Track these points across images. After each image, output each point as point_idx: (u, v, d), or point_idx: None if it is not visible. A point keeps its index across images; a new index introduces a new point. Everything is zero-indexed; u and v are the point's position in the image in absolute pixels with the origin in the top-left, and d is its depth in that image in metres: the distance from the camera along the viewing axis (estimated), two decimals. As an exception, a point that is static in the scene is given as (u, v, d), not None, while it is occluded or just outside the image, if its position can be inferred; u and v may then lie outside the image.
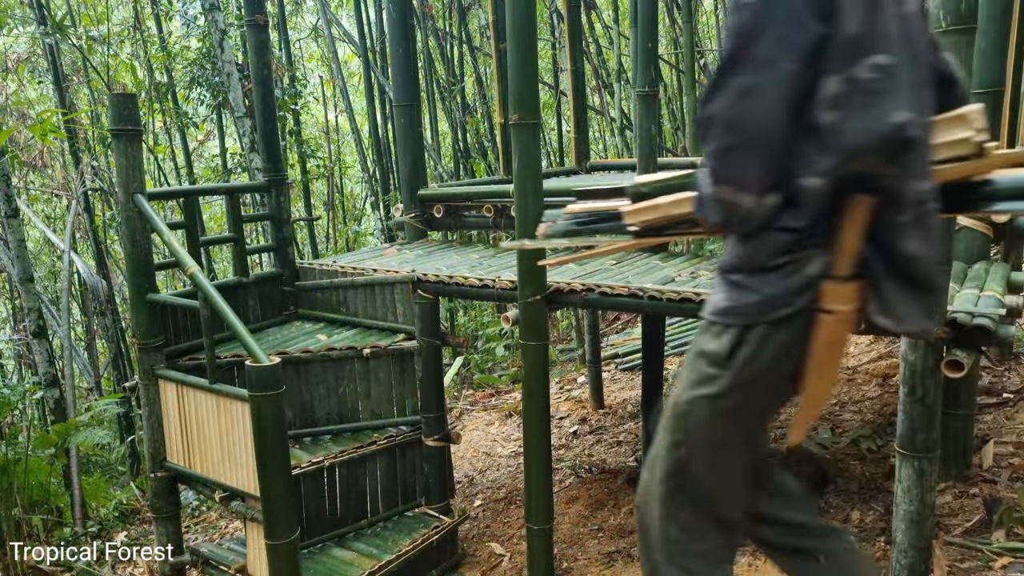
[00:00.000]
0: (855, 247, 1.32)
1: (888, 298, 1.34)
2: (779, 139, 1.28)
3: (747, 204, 1.33)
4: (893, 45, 1.24)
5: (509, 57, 2.48)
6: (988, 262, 2.50)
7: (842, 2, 1.21)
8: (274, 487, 2.40)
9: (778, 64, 1.25)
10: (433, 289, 3.11)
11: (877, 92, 1.22)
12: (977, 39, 2.12)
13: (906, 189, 1.26)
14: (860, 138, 1.23)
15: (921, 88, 1.28)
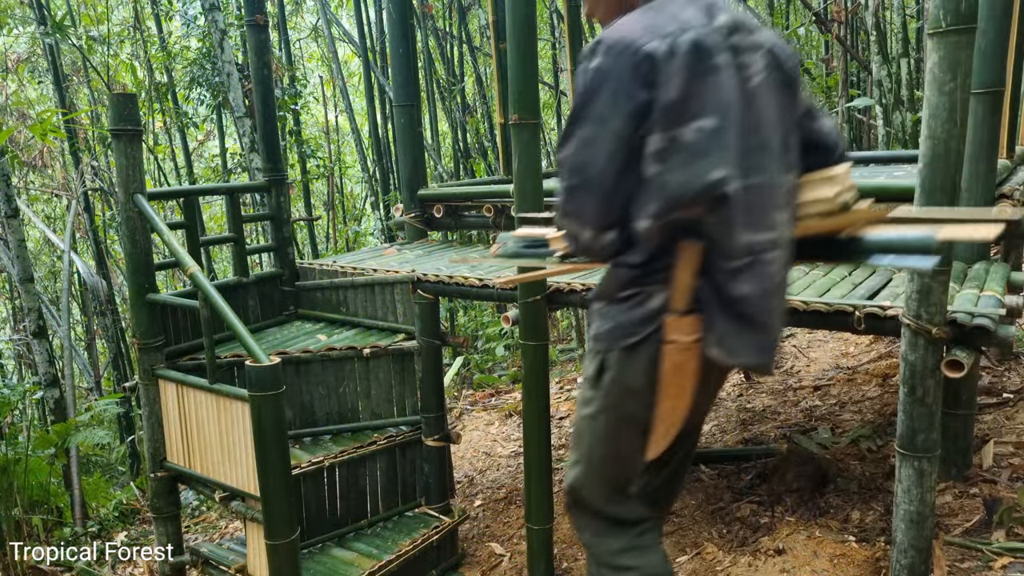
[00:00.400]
0: (688, 286, 1.48)
1: (721, 332, 1.48)
2: (613, 184, 1.46)
3: (587, 237, 1.53)
4: (721, 112, 1.40)
5: (509, 57, 2.47)
6: (988, 262, 2.50)
7: (665, 74, 1.38)
8: (274, 487, 2.40)
9: (611, 121, 1.43)
10: (433, 289, 3.11)
11: (698, 151, 1.39)
12: (977, 39, 2.12)
13: (734, 238, 1.44)
14: (680, 189, 1.41)
15: (755, 151, 1.45)
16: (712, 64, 1.41)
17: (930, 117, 1.83)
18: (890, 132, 6.43)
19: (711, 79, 1.41)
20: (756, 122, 1.46)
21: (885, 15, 7.29)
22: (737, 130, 1.43)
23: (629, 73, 1.40)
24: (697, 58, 1.40)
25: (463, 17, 7.34)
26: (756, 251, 1.46)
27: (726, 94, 1.42)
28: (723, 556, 2.75)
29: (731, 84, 1.43)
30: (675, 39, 1.40)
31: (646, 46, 1.39)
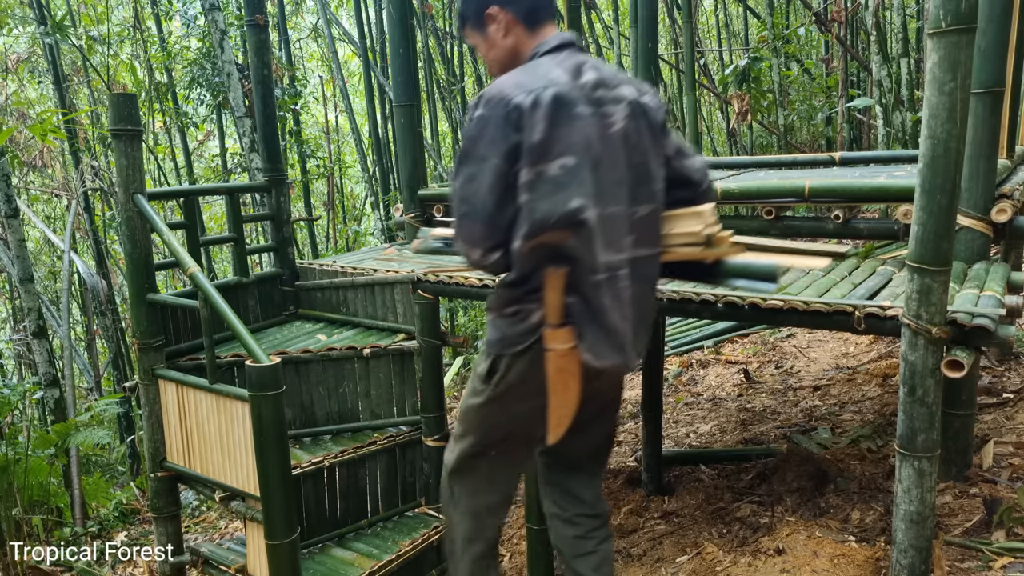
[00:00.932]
0: (558, 304, 1.75)
1: (589, 340, 1.76)
2: (494, 211, 1.72)
3: (476, 256, 1.80)
4: (580, 153, 1.68)
5: (509, 57, 2.47)
6: (988, 262, 2.49)
7: (531, 121, 1.66)
8: (274, 487, 2.40)
9: (490, 159, 1.70)
10: (433, 289, 3.11)
11: (560, 184, 1.67)
12: (977, 39, 2.12)
13: (594, 257, 1.71)
14: (545, 215, 1.67)
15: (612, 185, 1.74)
16: (573, 113, 1.70)
17: (930, 117, 1.82)
18: (890, 132, 6.43)
19: (572, 125, 1.70)
20: (613, 161, 1.75)
21: (885, 15, 7.29)
22: (594, 167, 1.71)
23: (502, 121, 1.68)
24: (558, 108, 1.68)
25: (463, 17, 7.35)
26: (612, 268, 1.75)
27: (585, 138, 1.70)
28: (723, 556, 2.75)
29: (591, 129, 1.71)
30: (539, 94, 1.68)
31: (515, 99, 1.68)
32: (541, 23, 1.88)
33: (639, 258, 1.82)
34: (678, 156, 1.92)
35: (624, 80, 1.85)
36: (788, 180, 2.96)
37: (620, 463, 4.16)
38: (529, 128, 1.67)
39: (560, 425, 1.90)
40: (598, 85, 1.76)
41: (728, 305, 2.37)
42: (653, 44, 3.21)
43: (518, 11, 1.85)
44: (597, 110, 1.74)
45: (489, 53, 1.95)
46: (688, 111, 5.96)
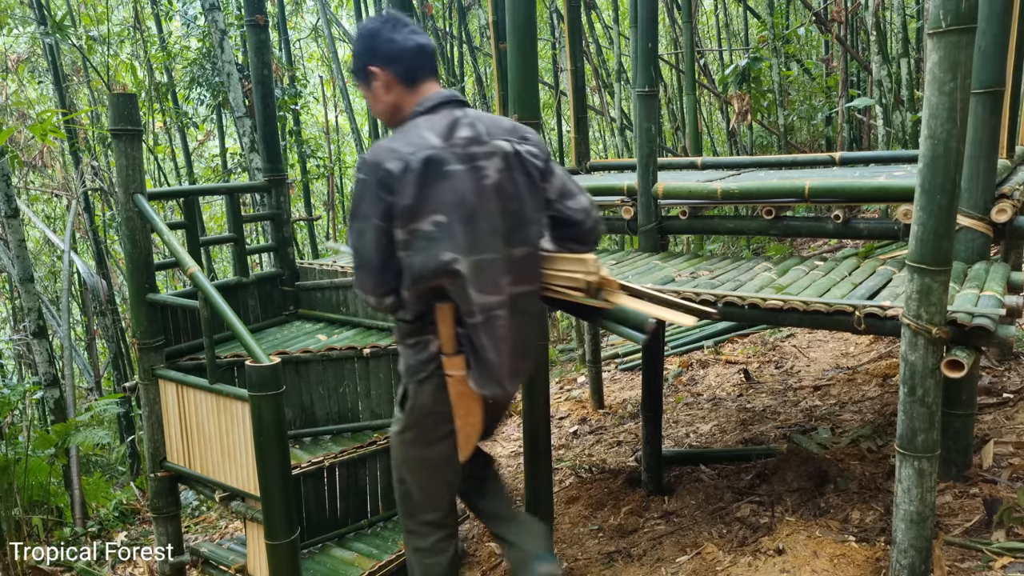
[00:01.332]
0: (450, 335, 1.97)
1: (474, 369, 1.99)
2: (380, 264, 1.94)
3: (373, 301, 2.02)
4: (450, 210, 1.87)
5: (509, 57, 2.47)
6: (988, 262, 2.50)
7: (400, 185, 1.85)
8: (274, 487, 2.40)
9: (371, 219, 1.90)
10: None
11: (433, 239, 1.87)
12: (977, 39, 2.12)
13: (470, 300, 1.90)
14: (421, 269, 1.89)
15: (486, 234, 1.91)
16: (443, 172, 1.88)
17: (930, 117, 1.83)
18: (890, 132, 6.43)
19: (443, 184, 1.87)
20: (488, 212, 1.91)
21: (885, 15, 7.29)
22: (466, 220, 1.89)
23: (377, 185, 1.87)
24: (427, 171, 1.86)
25: (463, 17, 7.35)
26: (488, 309, 1.93)
27: (457, 194, 1.88)
28: (723, 556, 2.75)
29: (463, 186, 1.89)
30: (408, 159, 1.86)
31: (386, 165, 1.86)
32: (420, 81, 2.03)
33: (518, 294, 2.00)
34: (560, 198, 2.06)
35: (503, 131, 1.99)
36: (788, 180, 2.96)
37: (620, 463, 4.16)
38: (399, 192, 1.86)
39: (468, 445, 2.13)
40: (471, 142, 1.93)
41: (728, 305, 2.37)
42: (653, 44, 3.21)
43: (397, 71, 2.01)
44: (471, 165, 1.91)
45: (375, 106, 2.11)
46: (688, 111, 5.96)
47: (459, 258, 1.88)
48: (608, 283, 2.01)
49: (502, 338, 1.96)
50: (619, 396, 5.44)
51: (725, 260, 3.01)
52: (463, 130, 1.94)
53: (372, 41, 2.04)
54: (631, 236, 4.10)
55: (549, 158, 2.07)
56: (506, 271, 1.95)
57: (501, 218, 1.94)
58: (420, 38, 2.03)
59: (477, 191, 1.91)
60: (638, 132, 3.23)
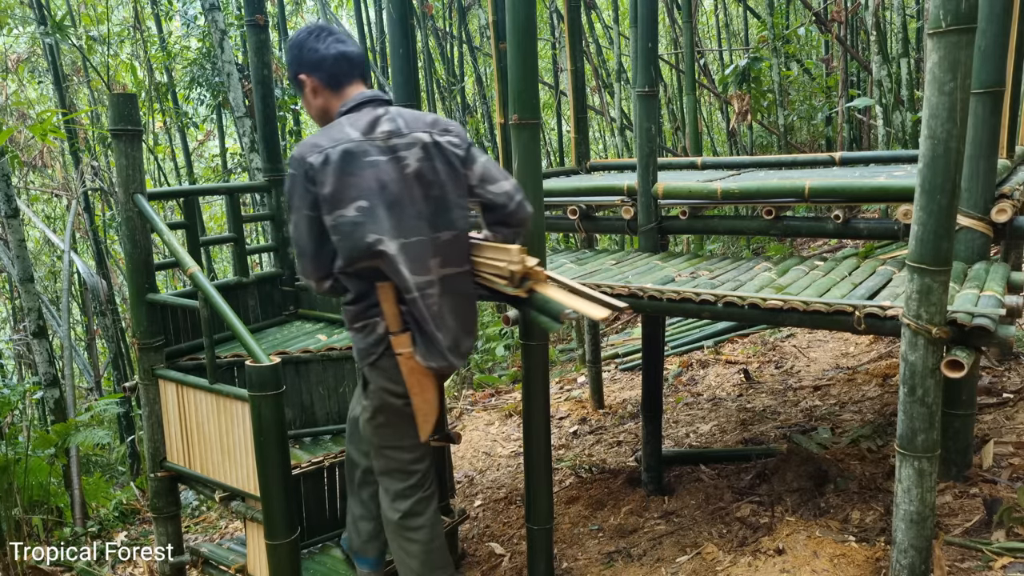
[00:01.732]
0: (394, 313, 2.11)
1: (419, 344, 2.13)
2: (315, 251, 2.11)
3: (314, 286, 2.19)
4: (373, 196, 2.03)
5: (509, 57, 2.47)
6: (988, 262, 2.50)
7: (322, 176, 2.02)
8: (274, 487, 2.40)
9: (302, 210, 2.08)
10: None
11: (358, 224, 2.03)
12: (977, 39, 2.12)
13: (403, 279, 2.06)
14: (349, 251, 2.05)
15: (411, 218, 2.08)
16: (364, 162, 2.04)
17: (930, 117, 1.83)
18: (890, 132, 6.43)
19: (363, 172, 2.04)
20: (411, 197, 2.09)
21: (885, 15, 7.29)
22: (390, 205, 2.05)
23: (302, 178, 2.05)
24: (347, 162, 2.03)
25: (463, 17, 7.35)
26: (421, 287, 2.08)
27: (379, 181, 2.04)
28: (723, 556, 2.75)
29: (385, 174, 2.06)
30: (328, 152, 2.03)
31: (309, 159, 2.03)
32: (344, 86, 2.21)
33: (448, 276, 2.16)
34: (482, 183, 2.19)
35: (424, 125, 2.15)
36: (788, 180, 2.96)
37: (620, 463, 4.16)
38: (321, 183, 2.03)
39: (427, 422, 2.23)
40: (391, 135, 2.10)
41: (728, 305, 2.37)
42: (653, 44, 3.21)
43: (321, 77, 2.20)
44: (392, 156, 2.08)
45: (308, 110, 2.30)
46: (688, 111, 5.96)
47: (384, 239, 2.03)
48: (535, 273, 2.15)
49: (437, 314, 2.12)
50: (619, 396, 5.44)
51: (725, 260, 3.01)
52: (384, 125, 2.11)
53: (299, 51, 2.23)
54: (631, 236, 4.10)
55: (471, 147, 2.21)
56: (433, 253, 2.11)
57: (425, 203, 2.11)
58: (343, 46, 2.21)
59: (399, 179, 2.08)
60: (638, 132, 3.23)
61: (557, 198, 3.48)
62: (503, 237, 2.25)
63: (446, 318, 2.14)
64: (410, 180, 2.09)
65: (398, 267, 2.04)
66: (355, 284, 2.13)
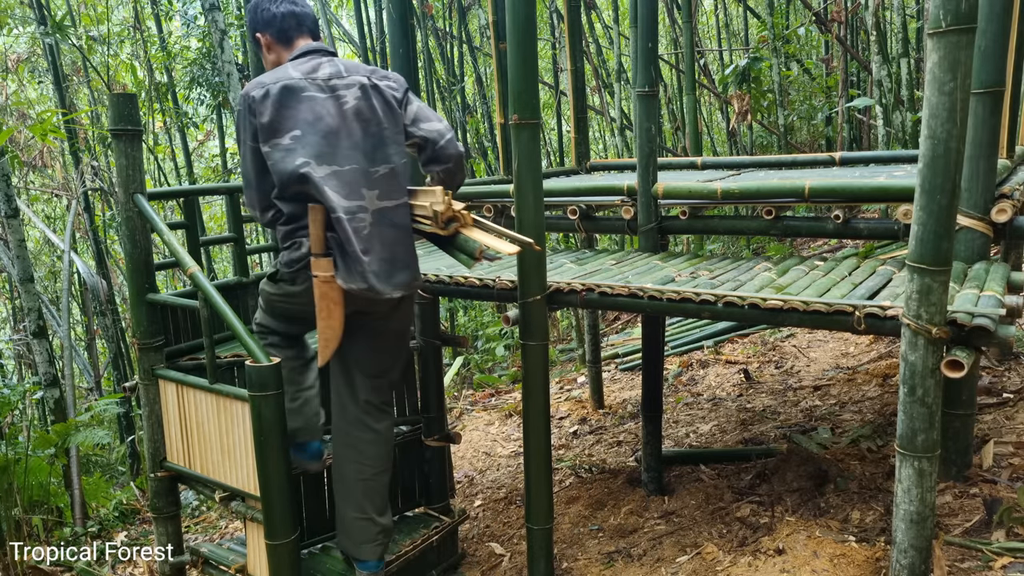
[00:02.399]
0: (320, 236, 2.26)
1: (341, 268, 2.25)
2: (258, 180, 2.33)
3: (258, 216, 2.41)
4: (304, 127, 2.24)
5: (509, 57, 2.47)
6: (988, 262, 2.50)
7: (261, 108, 2.24)
8: (274, 487, 2.40)
9: (246, 142, 2.31)
10: (433, 289, 3.11)
11: (290, 150, 2.24)
12: (977, 39, 2.12)
13: (331, 202, 2.22)
14: (282, 175, 2.24)
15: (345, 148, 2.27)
16: (301, 96, 2.26)
17: (930, 117, 1.82)
18: (890, 132, 6.43)
19: (300, 106, 2.25)
20: (348, 131, 2.28)
21: (885, 15, 7.29)
22: (324, 135, 2.24)
23: (246, 111, 2.28)
24: (285, 96, 2.25)
25: (463, 17, 7.35)
26: (351, 212, 2.24)
27: (314, 114, 2.25)
28: (723, 556, 2.75)
29: (322, 108, 2.26)
30: (269, 87, 2.26)
31: (251, 93, 2.27)
32: (293, 40, 2.43)
33: (385, 208, 2.31)
34: (414, 123, 2.39)
35: (364, 71, 2.37)
36: (788, 180, 2.96)
37: (620, 463, 4.16)
38: (260, 113, 2.24)
39: (327, 347, 2.37)
40: (332, 76, 2.32)
41: (728, 305, 2.37)
42: (653, 44, 3.21)
43: (273, 34, 2.43)
44: (331, 94, 2.29)
45: (266, 65, 2.50)
46: (688, 111, 5.96)
47: (311, 162, 2.21)
48: (462, 216, 2.30)
49: (367, 239, 2.25)
50: (619, 396, 5.44)
51: (725, 260, 3.01)
52: (325, 68, 2.33)
53: (254, 12, 2.46)
54: (631, 236, 4.10)
55: (407, 91, 2.42)
56: (369, 185, 2.28)
57: (363, 138, 2.30)
58: (293, 6, 2.43)
59: (338, 113, 2.28)
60: (638, 132, 3.23)
61: (557, 198, 3.48)
62: (439, 179, 2.45)
63: (376, 246, 2.27)
64: (348, 115, 2.29)
65: (324, 190, 2.21)
66: (289, 207, 2.29)
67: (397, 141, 2.36)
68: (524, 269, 2.60)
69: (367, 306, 2.38)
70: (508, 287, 2.81)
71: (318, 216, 2.24)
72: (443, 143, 2.40)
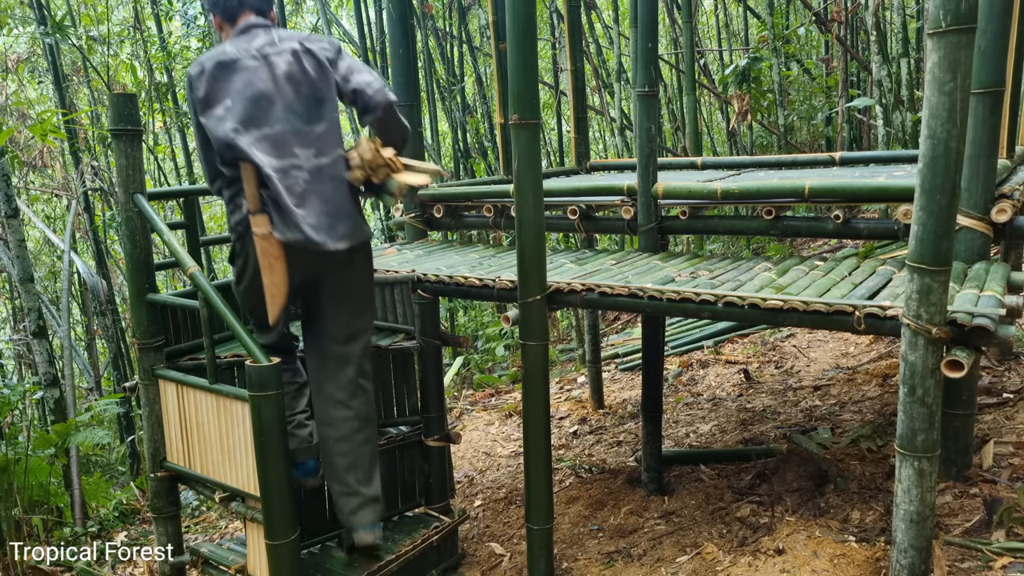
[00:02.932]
0: (254, 194, 2.38)
1: (276, 222, 2.38)
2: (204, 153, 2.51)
3: (212, 189, 2.58)
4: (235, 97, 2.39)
5: (509, 57, 2.47)
6: (988, 262, 2.50)
7: (197, 83, 2.42)
8: (274, 487, 2.40)
9: (193, 119, 2.49)
10: (433, 289, 3.11)
11: (222, 119, 2.38)
12: (977, 39, 2.12)
13: (262, 161, 2.35)
14: (218, 141, 2.39)
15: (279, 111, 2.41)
16: (235, 67, 2.41)
17: (930, 117, 1.83)
18: (890, 132, 6.43)
19: (233, 77, 2.41)
20: (283, 93, 2.42)
21: (885, 15, 7.29)
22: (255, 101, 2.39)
23: (189, 90, 2.46)
24: (218, 70, 2.41)
25: (463, 17, 7.34)
26: (282, 169, 2.38)
27: (245, 83, 2.40)
28: (723, 556, 2.75)
29: (254, 75, 2.41)
30: (205, 64, 2.43)
31: (191, 70, 2.45)
32: (236, 18, 2.56)
33: (323, 165, 2.45)
34: (345, 78, 2.50)
35: (297, 38, 2.51)
36: (788, 180, 2.96)
37: (620, 463, 4.16)
38: (197, 89, 2.41)
39: (273, 303, 2.47)
40: (265, 45, 2.46)
41: (728, 305, 2.37)
42: (653, 44, 3.21)
43: (219, 13, 2.58)
44: (264, 62, 2.43)
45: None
46: (688, 111, 5.96)
47: (239, 128, 2.36)
48: (392, 162, 2.46)
49: (301, 195, 2.39)
50: (619, 396, 5.44)
51: (725, 260, 3.01)
52: (259, 39, 2.48)
53: None
54: (631, 236, 4.10)
55: (340, 51, 2.53)
56: (303, 143, 2.43)
57: (295, 99, 2.44)
58: None
59: (270, 78, 2.42)
60: (638, 132, 3.23)
61: (557, 198, 3.48)
62: (376, 129, 2.54)
63: (314, 200, 2.41)
64: (280, 80, 2.43)
65: (252, 152, 2.34)
66: (230, 172, 2.43)
67: (332, 99, 2.49)
68: (524, 269, 2.60)
69: (318, 264, 2.51)
70: (508, 287, 2.81)
71: (251, 175, 2.37)
72: (371, 92, 2.46)
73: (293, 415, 2.71)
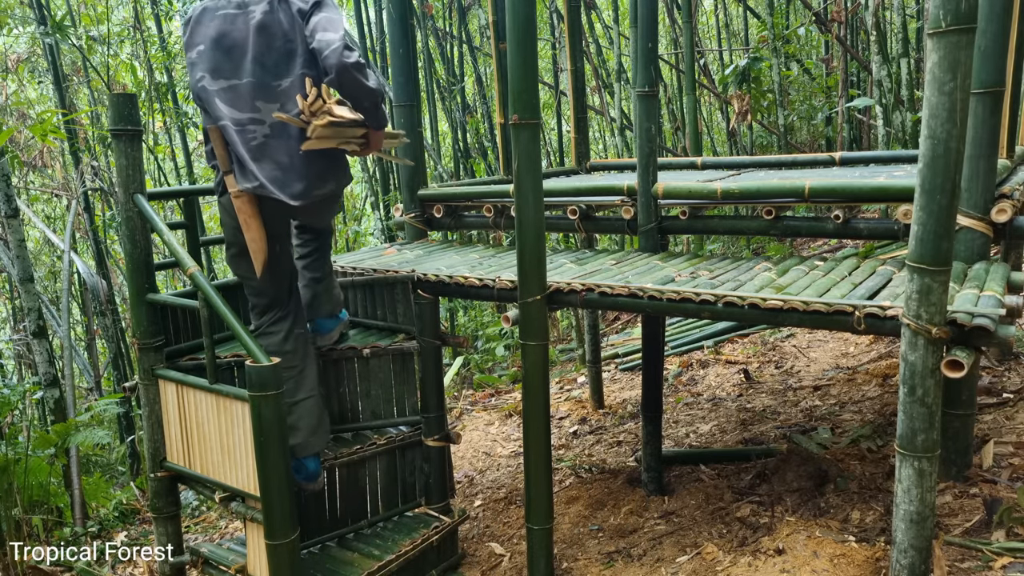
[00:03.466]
0: (222, 154, 2.51)
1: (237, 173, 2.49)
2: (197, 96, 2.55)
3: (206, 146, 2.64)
4: (206, 43, 2.46)
5: (509, 57, 2.47)
6: (988, 262, 2.50)
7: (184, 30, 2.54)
8: (274, 487, 2.40)
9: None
10: (433, 289, 3.11)
11: (195, 64, 2.49)
12: (977, 39, 2.12)
13: (219, 110, 2.45)
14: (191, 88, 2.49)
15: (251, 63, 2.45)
16: (214, 15, 2.48)
17: (930, 117, 1.83)
18: (890, 132, 6.43)
19: (210, 23, 2.48)
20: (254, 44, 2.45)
21: (885, 15, 7.29)
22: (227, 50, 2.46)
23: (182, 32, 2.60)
24: (200, 16, 2.51)
25: (463, 17, 7.34)
26: (239, 123, 2.45)
27: (218, 30, 2.46)
28: (723, 556, 2.75)
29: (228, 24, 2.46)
30: (191, 14, 2.53)
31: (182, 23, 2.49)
32: None
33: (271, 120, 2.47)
34: (311, 33, 2.46)
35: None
36: (788, 180, 2.96)
37: (620, 463, 4.16)
38: (183, 34, 2.53)
39: (256, 259, 2.59)
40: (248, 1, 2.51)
41: (728, 305, 2.37)
42: (653, 44, 3.21)
43: None
44: (242, 11, 2.47)
45: None
46: (688, 111, 5.96)
47: (206, 76, 2.44)
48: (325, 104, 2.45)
49: (257, 149, 2.45)
50: (619, 396, 5.44)
51: (725, 260, 3.01)
52: None
53: None
54: (631, 236, 4.10)
55: (317, 4, 2.48)
56: (267, 98, 2.46)
57: (265, 52, 2.46)
58: None
59: (243, 28, 2.46)
60: (638, 132, 3.23)
61: (557, 198, 3.48)
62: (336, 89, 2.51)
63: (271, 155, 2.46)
64: (254, 30, 2.45)
65: (215, 102, 2.42)
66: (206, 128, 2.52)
67: (304, 53, 2.47)
68: (524, 269, 2.60)
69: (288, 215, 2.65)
70: (508, 287, 2.81)
71: (217, 136, 2.46)
72: (327, 53, 2.37)
73: (294, 405, 2.72)
